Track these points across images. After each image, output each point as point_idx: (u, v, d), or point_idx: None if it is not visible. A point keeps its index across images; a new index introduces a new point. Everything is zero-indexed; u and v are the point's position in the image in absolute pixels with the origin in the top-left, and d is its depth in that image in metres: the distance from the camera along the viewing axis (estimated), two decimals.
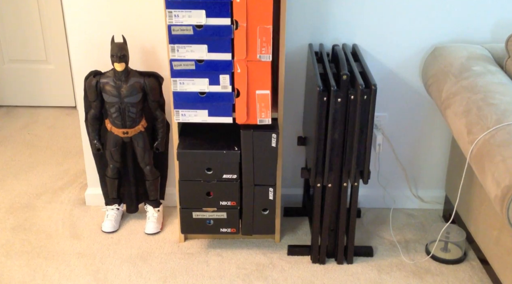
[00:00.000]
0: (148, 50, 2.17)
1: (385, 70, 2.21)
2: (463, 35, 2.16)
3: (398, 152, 2.36)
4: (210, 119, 1.90)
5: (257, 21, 1.76)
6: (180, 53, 1.82)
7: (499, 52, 2.03)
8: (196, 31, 1.78)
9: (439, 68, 2.02)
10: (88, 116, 2.16)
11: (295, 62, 2.18)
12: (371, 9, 2.11)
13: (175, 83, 1.86)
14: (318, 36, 2.14)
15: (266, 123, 1.91)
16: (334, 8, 2.10)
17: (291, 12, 2.10)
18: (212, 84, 1.85)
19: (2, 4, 3.13)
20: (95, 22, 2.13)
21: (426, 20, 2.13)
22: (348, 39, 2.15)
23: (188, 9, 1.75)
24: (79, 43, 2.17)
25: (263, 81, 1.85)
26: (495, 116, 1.65)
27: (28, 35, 3.21)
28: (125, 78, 2.04)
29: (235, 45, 1.79)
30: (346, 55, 2.01)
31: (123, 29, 2.12)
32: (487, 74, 1.86)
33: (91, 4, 2.10)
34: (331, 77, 1.87)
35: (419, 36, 2.16)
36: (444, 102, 1.90)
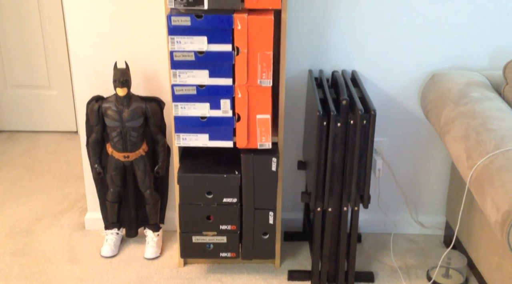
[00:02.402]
0: (150, 76, 2.20)
1: (384, 96, 2.23)
2: (461, 62, 2.19)
3: (398, 177, 2.36)
4: (211, 143, 1.92)
5: (258, 47, 1.79)
6: (181, 78, 1.84)
7: (496, 79, 2.05)
8: (197, 57, 1.81)
9: (438, 94, 2.04)
10: (89, 140, 2.18)
11: (295, 87, 2.20)
12: (370, 36, 2.14)
13: (176, 107, 1.88)
14: (318, 62, 2.18)
15: (267, 147, 1.92)
16: (334, 35, 2.14)
17: (291, 39, 2.14)
18: (213, 108, 1.87)
19: (6, 30, 3.18)
20: (98, 48, 2.16)
21: (425, 46, 2.17)
22: (347, 66, 2.19)
23: (190, 35, 1.78)
24: (82, 69, 2.20)
25: (263, 106, 1.87)
26: (494, 141, 1.67)
27: (31, 61, 3.25)
28: (127, 103, 2.07)
29: (236, 71, 1.82)
30: (346, 81, 2.04)
31: (126, 55, 2.15)
32: (485, 100, 1.88)
33: (95, 31, 2.14)
34: (331, 102, 1.89)
35: (418, 63, 2.19)
36: (443, 127, 1.92)
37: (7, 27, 3.18)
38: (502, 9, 2.11)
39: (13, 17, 3.15)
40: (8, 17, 3.15)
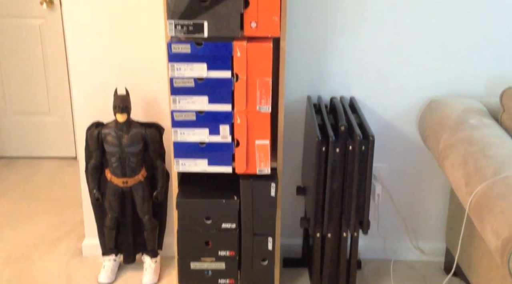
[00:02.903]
0: (150, 101, 2.21)
1: (383, 122, 2.25)
2: (458, 89, 2.22)
3: (397, 203, 2.36)
4: (210, 168, 1.92)
5: (257, 74, 1.81)
6: (181, 104, 1.86)
7: (493, 106, 2.07)
8: (197, 83, 1.82)
9: (436, 120, 2.05)
10: (88, 166, 2.18)
11: (294, 113, 2.22)
12: (368, 63, 2.17)
13: (175, 133, 1.89)
14: (316, 88, 2.20)
15: (266, 172, 1.92)
16: (332, 62, 2.17)
17: (290, 66, 2.16)
18: (212, 134, 1.88)
19: (7, 57, 3.22)
20: (99, 74, 2.19)
21: (422, 73, 2.19)
22: (346, 92, 2.21)
23: (190, 62, 1.80)
24: (82, 95, 2.22)
25: (262, 132, 1.88)
26: (492, 167, 1.67)
27: (32, 88, 3.28)
28: (127, 129, 2.08)
29: (235, 97, 1.84)
30: (344, 107, 2.06)
31: (127, 81, 2.17)
32: (483, 127, 1.89)
33: (96, 58, 2.16)
34: (329, 128, 1.90)
35: (415, 89, 2.21)
36: (442, 153, 1.92)
37: (9, 53, 3.21)
38: (498, 37, 2.14)
39: (15, 44, 3.19)
40: (10, 43, 3.19)
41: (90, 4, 2.10)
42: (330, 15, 2.10)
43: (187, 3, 1.72)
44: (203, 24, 1.75)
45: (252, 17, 1.75)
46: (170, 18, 1.74)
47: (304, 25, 2.12)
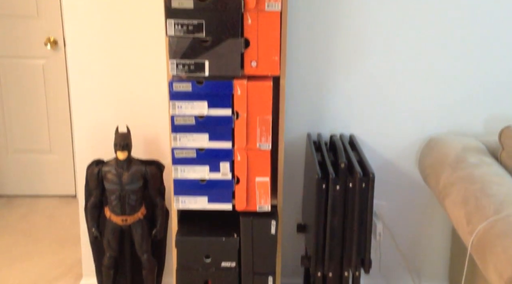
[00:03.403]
0: (150, 139, 2.23)
1: (383, 159, 2.25)
2: (457, 127, 2.23)
3: (399, 242, 2.33)
4: (210, 206, 1.91)
5: (257, 112, 1.83)
6: (182, 142, 1.87)
7: (492, 145, 2.08)
8: (198, 121, 1.84)
9: (436, 159, 2.06)
10: (88, 204, 2.17)
11: (294, 150, 2.23)
12: (367, 101, 2.20)
13: (176, 170, 1.89)
14: (316, 126, 2.22)
15: (266, 210, 1.92)
16: (331, 100, 2.19)
17: (290, 104, 2.19)
18: (213, 171, 1.88)
19: (10, 96, 3.25)
20: (101, 113, 2.21)
21: (421, 111, 2.21)
22: (345, 129, 2.22)
23: (191, 100, 1.83)
24: (83, 133, 2.23)
25: (262, 169, 1.88)
26: (493, 206, 1.67)
27: (34, 126, 3.30)
28: (127, 166, 2.08)
29: (236, 134, 1.85)
30: (344, 144, 2.07)
31: (128, 119, 2.19)
32: (483, 165, 1.90)
33: (98, 96, 2.19)
34: (329, 165, 1.90)
35: (415, 127, 2.23)
36: (442, 192, 1.92)
37: (12, 92, 3.25)
38: (496, 76, 2.17)
39: (18, 83, 3.24)
40: (13, 82, 3.24)
41: (93, 44, 2.14)
42: (330, 54, 2.14)
43: (188, 43, 1.76)
44: (204, 63, 1.78)
45: (252, 56, 1.79)
46: (172, 57, 1.77)
47: (304, 63, 2.15)
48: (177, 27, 1.74)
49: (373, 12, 2.08)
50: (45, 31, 3.15)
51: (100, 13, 2.11)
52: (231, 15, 1.72)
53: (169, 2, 1.71)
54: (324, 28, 2.10)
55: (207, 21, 1.73)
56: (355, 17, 2.09)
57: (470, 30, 2.11)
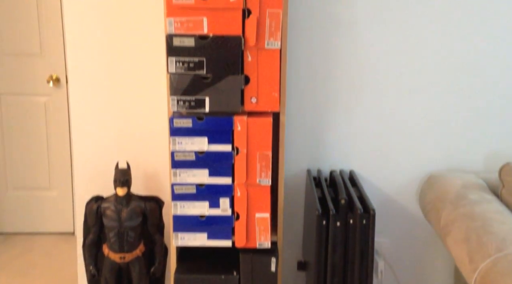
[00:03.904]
0: (150, 175, 2.23)
1: (383, 196, 2.24)
2: (457, 164, 2.23)
3: (401, 279, 2.30)
4: (209, 242, 1.89)
5: (257, 148, 1.83)
6: (182, 177, 1.87)
7: (493, 181, 2.08)
8: (198, 157, 1.84)
9: (436, 196, 2.05)
10: (86, 241, 2.15)
11: (294, 186, 2.22)
12: (367, 137, 2.21)
13: (175, 206, 1.88)
14: (316, 162, 2.22)
15: (266, 247, 1.89)
16: (331, 136, 2.20)
17: (290, 139, 2.20)
18: (212, 207, 1.87)
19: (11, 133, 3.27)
20: (101, 149, 2.22)
21: (421, 148, 2.22)
22: (345, 165, 2.22)
23: (191, 136, 1.84)
24: (83, 170, 2.23)
25: (262, 205, 1.87)
26: (495, 244, 1.65)
27: (33, 163, 3.30)
28: (126, 203, 2.07)
29: (236, 170, 1.85)
30: (344, 180, 2.06)
31: (128, 155, 2.20)
32: (484, 202, 1.89)
33: (99, 133, 2.20)
34: (329, 201, 1.89)
35: (415, 163, 2.23)
36: (443, 229, 1.91)
37: (13, 129, 3.27)
38: (496, 113, 2.19)
39: (20, 120, 3.26)
40: (15, 119, 3.26)
41: (95, 81, 2.17)
42: (329, 90, 2.16)
43: (189, 80, 1.78)
44: (204, 99, 1.80)
45: (252, 92, 1.81)
46: (173, 94, 1.79)
47: (303, 99, 2.17)
48: (178, 65, 1.77)
49: (373, 49, 2.12)
50: (48, 68, 3.20)
51: (102, 50, 2.14)
52: (231, 53, 1.75)
53: (170, 40, 1.74)
54: (324, 65, 2.14)
55: (208, 59, 1.76)
56: (355, 54, 2.12)
57: (469, 68, 2.14)
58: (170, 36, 1.74)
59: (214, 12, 1.72)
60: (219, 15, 1.73)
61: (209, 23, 1.73)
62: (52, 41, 3.16)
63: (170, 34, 1.74)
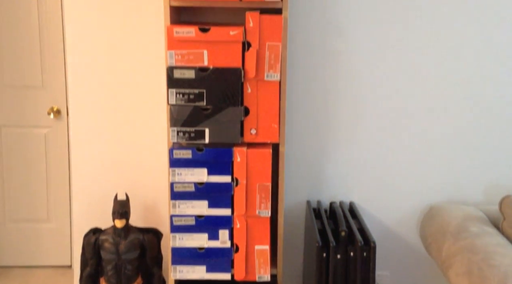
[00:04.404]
0: (149, 206, 2.21)
1: (383, 228, 2.23)
2: (457, 196, 2.23)
3: None
4: (208, 275, 1.87)
5: (257, 179, 1.83)
6: (181, 209, 1.86)
7: (493, 214, 2.07)
8: (197, 188, 1.84)
9: (437, 228, 2.04)
10: (83, 274, 2.12)
11: (294, 218, 2.21)
12: (367, 169, 2.20)
13: (174, 238, 1.86)
14: (316, 193, 2.21)
15: (265, 279, 1.87)
16: (331, 167, 2.20)
17: (289, 171, 2.20)
18: (211, 239, 1.86)
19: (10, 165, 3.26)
20: (100, 181, 2.21)
21: (421, 180, 2.21)
22: (345, 197, 2.21)
23: (191, 167, 1.83)
24: (82, 202, 2.22)
25: (262, 237, 1.86)
26: (497, 278, 1.64)
27: (32, 195, 3.29)
28: (125, 235, 2.05)
29: (235, 201, 1.84)
30: (344, 212, 2.05)
31: (127, 187, 2.19)
32: (485, 235, 1.88)
33: (99, 164, 2.20)
34: (329, 233, 1.88)
35: (415, 195, 2.22)
36: (445, 262, 1.89)
37: (12, 161, 3.27)
38: (496, 145, 2.20)
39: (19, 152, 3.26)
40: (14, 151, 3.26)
41: (95, 113, 2.18)
42: (329, 122, 2.17)
43: (189, 112, 1.79)
44: (204, 131, 1.81)
45: (252, 124, 1.82)
46: (173, 125, 1.80)
47: (303, 131, 2.18)
48: (179, 96, 1.78)
49: (371, 82, 2.14)
50: (49, 100, 3.22)
51: (103, 82, 2.17)
52: (231, 84, 1.77)
53: (171, 72, 1.77)
54: (323, 97, 2.15)
55: (208, 90, 1.78)
56: (353, 86, 2.14)
57: (469, 100, 2.16)
58: (171, 68, 1.76)
59: (214, 45, 1.75)
60: (219, 47, 1.75)
61: (210, 55, 1.76)
62: (54, 73, 3.19)
63: (170, 66, 1.76)
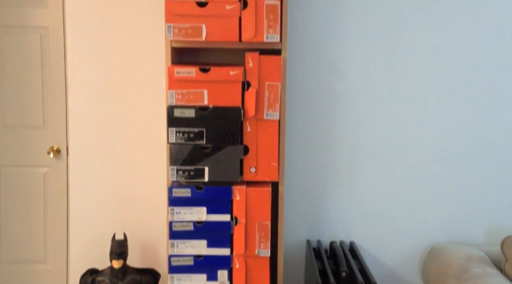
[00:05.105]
0: (147, 247, 2.19)
1: (384, 268, 2.19)
2: (458, 236, 2.21)
3: None
4: None
5: (256, 218, 1.82)
6: (179, 248, 1.84)
7: (495, 255, 2.05)
8: (196, 227, 1.83)
9: (439, 269, 2.01)
10: None
11: (293, 257, 2.18)
12: (368, 208, 2.19)
13: (172, 279, 1.83)
14: (316, 232, 2.19)
15: None
16: (331, 206, 2.19)
17: (289, 209, 2.18)
18: (210, 280, 1.83)
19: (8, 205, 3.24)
20: (98, 221, 2.20)
21: (422, 219, 2.20)
22: (346, 236, 2.19)
23: (190, 206, 1.83)
24: (79, 242, 2.21)
25: (261, 277, 1.83)
26: None
27: (29, 235, 3.25)
28: (122, 276, 2.02)
29: (234, 240, 1.82)
30: (344, 252, 2.03)
31: (125, 225, 2.17)
32: (487, 276, 1.86)
33: (96, 204, 2.20)
34: (330, 274, 1.85)
35: (416, 235, 2.20)
36: None
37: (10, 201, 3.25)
38: (497, 186, 2.19)
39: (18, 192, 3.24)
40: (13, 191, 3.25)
41: (94, 152, 2.19)
42: (329, 160, 2.18)
43: (189, 150, 1.80)
44: (204, 169, 1.81)
45: (252, 162, 1.82)
46: (172, 164, 1.81)
47: (303, 169, 2.18)
48: (179, 135, 1.79)
49: (371, 119, 2.16)
50: (49, 140, 3.23)
51: (103, 122, 2.18)
52: (231, 123, 1.78)
53: (171, 111, 1.78)
54: (322, 136, 2.17)
55: (208, 129, 1.79)
56: (352, 125, 2.16)
57: (468, 143, 2.17)
58: (171, 107, 1.78)
59: (214, 85, 1.77)
60: (219, 87, 1.78)
61: (210, 94, 1.78)
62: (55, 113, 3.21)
63: (171, 106, 1.78)
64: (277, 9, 1.75)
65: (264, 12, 1.75)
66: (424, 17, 2.09)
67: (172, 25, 1.76)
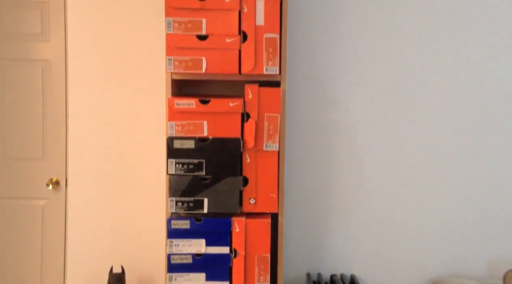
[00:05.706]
0: (145, 280, 2.16)
1: None
2: (460, 269, 2.18)
3: None
4: None
5: (256, 250, 1.80)
6: (177, 282, 1.81)
7: None
8: (195, 260, 1.80)
9: None
10: None
11: None
12: (368, 241, 2.17)
13: None
14: (316, 265, 2.16)
15: None
16: (331, 239, 2.17)
17: (289, 241, 2.16)
18: None
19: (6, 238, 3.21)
20: (95, 252, 2.17)
21: (423, 253, 2.18)
22: (346, 269, 2.17)
23: (188, 238, 1.81)
24: (77, 275, 2.17)
25: None
26: None
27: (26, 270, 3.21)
28: None
29: (233, 273, 1.80)
30: None
31: (123, 258, 2.15)
32: None
33: (94, 236, 2.17)
34: None
35: (417, 268, 2.18)
36: None
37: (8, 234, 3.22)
38: (498, 219, 2.18)
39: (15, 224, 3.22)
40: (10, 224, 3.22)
41: (94, 184, 2.18)
42: (328, 192, 2.17)
43: (188, 181, 1.80)
44: (203, 200, 1.80)
45: (251, 194, 1.82)
46: (171, 195, 1.80)
47: (302, 201, 2.17)
48: (178, 166, 1.79)
49: (371, 150, 2.16)
50: (48, 172, 3.22)
51: (102, 155, 2.19)
52: (230, 155, 1.79)
53: (171, 142, 1.79)
54: (322, 167, 2.16)
55: (208, 160, 1.79)
56: (353, 156, 2.16)
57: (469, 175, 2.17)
58: (171, 138, 1.79)
59: (214, 116, 1.78)
60: (219, 118, 1.79)
61: (209, 126, 1.79)
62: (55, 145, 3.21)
63: (171, 137, 1.79)
64: (277, 42, 1.77)
65: (264, 45, 1.77)
66: (424, 46, 2.12)
67: (172, 58, 1.78)
